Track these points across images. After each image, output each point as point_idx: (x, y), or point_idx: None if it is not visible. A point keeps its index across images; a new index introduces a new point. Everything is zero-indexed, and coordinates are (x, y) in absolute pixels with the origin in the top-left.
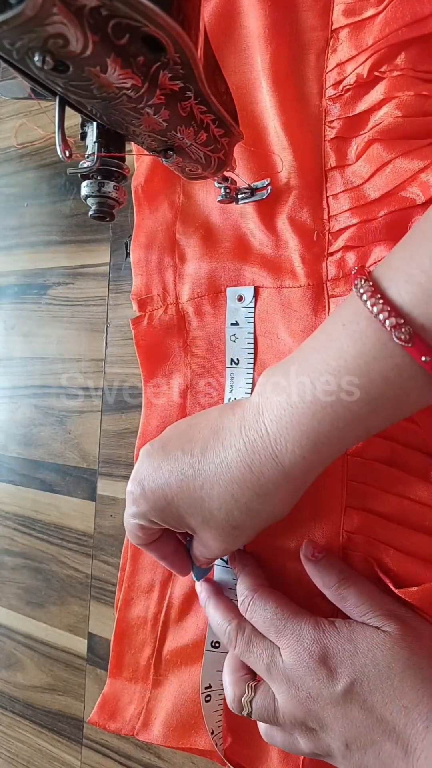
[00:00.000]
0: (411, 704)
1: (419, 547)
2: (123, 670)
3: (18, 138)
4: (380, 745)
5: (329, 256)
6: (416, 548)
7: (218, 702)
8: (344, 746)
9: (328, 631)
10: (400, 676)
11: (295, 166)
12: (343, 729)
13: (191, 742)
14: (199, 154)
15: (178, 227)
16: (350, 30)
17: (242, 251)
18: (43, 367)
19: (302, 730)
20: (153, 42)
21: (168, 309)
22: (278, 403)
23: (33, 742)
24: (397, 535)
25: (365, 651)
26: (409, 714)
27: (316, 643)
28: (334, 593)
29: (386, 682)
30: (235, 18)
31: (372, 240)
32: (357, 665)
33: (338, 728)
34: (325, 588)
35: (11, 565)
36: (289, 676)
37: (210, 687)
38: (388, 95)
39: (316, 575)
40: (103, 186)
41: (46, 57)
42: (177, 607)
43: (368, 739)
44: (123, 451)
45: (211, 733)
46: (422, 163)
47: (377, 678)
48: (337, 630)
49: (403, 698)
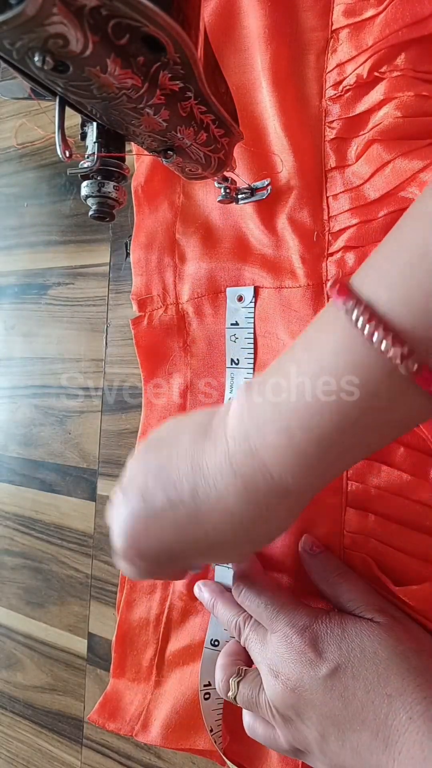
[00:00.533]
0: (395, 692)
1: (420, 547)
2: (126, 670)
3: (18, 138)
4: (359, 736)
5: (329, 257)
6: (417, 548)
7: (217, 700)
8: (321, 737)
9: (320, 616)
10: (385, 663)
11: (295, 166)
12: (321, 718)
13: (190, 742)
14: (199, 154)
15: (178, 227)
16: (350, 30)
17: (242, 251)
18: (43, 367)
19: (282, 720)
20: (153, 42)
21: (168, 309)
22: (262, 415)
23: (33, 742)
24: (397, 535)
25: (353, 636)
26: (392, 703)
27: (307, 627)
28: (329, 587)
29: (371, 669)
30: (235, 18)
31: (372, 240)
32: (344, 649)
33: (316, 717)
34: (321, 582)
35: (11, 565)
36: (275, 660)
37: (209, 685)
38: (388, 96)
39: (312, 569)
40: (103, 186)
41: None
42: (179, 608)
43: (347, 729)
44: (123, 451)
45: (210, 731)
46: (422, 163)
47: (362, 664)
48: (328, 617)
49: (387, 686)
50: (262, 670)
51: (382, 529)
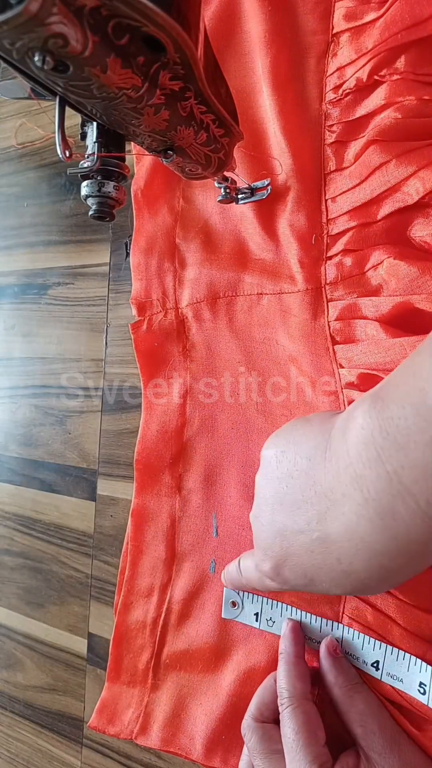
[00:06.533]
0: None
1: None
2: (121, 674)
3: (18, 138)
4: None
5: (328, 260)
6: None
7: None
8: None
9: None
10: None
11: (295, 169)
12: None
13: (186, 751)
14: (200, 154)
15: (178, 232)
16: (351, 34)
17: (241, 256)
18: (43, 367)
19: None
20: (153, 42)
21: (168, 314)
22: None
23: (33, 742)
24: None
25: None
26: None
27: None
28: (345, 694)
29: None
30: (236, 22)
31: (371, 243)
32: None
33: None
34: (336, 686)
35: (11, 565)
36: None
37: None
38: (389, 100)
39: (330, 671)
40: (103, 186)
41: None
42: (177, 611)
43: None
44: (123, 451)
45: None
46: (420, 163)
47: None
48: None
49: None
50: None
51: None
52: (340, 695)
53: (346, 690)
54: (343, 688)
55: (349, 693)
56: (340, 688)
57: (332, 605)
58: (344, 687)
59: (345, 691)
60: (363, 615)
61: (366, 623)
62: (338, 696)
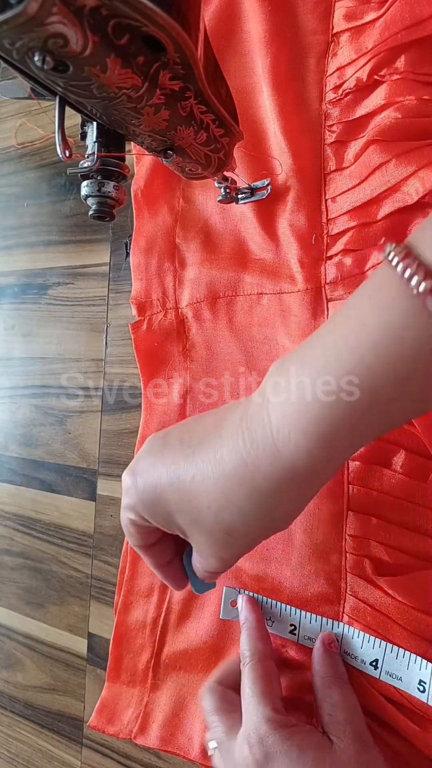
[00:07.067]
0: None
1: (421, 549)
2: (121, 673)
3: (18, 138)
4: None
5: (328, 260)
6: (418, 550)
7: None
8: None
9: (281, 729)
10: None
11: (295, 169)
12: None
13: (185, 750)
14: (200, 154)
15: (178, 232)
16: (351, 34)
17: (242, 256)
18: (43, 367)
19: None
20: (153, 42)
21: (168, 314)
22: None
23: (33, 742)
24: (399, 537)
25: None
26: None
27: (262, 740)
28: (324, 684)
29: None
30: (236, 22)
31: (371, 243)
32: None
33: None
34: (318, 676)
35: (11, 565)
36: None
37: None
38: (389, 100)
39: (318, 661)
40: (103, 186)
41: (46, 57)
42: (176, 611)
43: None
44: (123, 451)
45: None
46: (420, 163)
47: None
48: (290, 733)
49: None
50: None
51: (384, 532)
52: (318, 685)
53: (327, 681)
54: (324, 679)
55: (328, 684)
56: (321, 678)
57: (332, 605)
58: (325, 678)
59: (325, 681)
60: (363, 615)
61: (366, 623)
62: (317, 685)
